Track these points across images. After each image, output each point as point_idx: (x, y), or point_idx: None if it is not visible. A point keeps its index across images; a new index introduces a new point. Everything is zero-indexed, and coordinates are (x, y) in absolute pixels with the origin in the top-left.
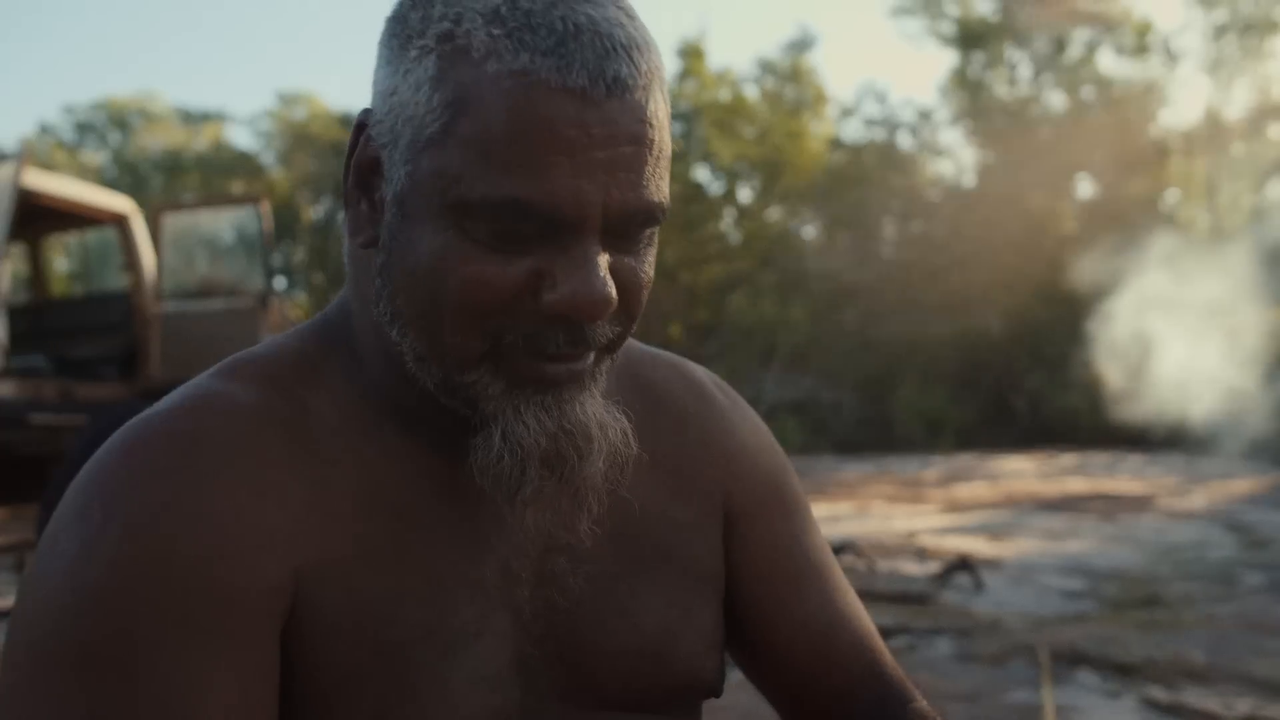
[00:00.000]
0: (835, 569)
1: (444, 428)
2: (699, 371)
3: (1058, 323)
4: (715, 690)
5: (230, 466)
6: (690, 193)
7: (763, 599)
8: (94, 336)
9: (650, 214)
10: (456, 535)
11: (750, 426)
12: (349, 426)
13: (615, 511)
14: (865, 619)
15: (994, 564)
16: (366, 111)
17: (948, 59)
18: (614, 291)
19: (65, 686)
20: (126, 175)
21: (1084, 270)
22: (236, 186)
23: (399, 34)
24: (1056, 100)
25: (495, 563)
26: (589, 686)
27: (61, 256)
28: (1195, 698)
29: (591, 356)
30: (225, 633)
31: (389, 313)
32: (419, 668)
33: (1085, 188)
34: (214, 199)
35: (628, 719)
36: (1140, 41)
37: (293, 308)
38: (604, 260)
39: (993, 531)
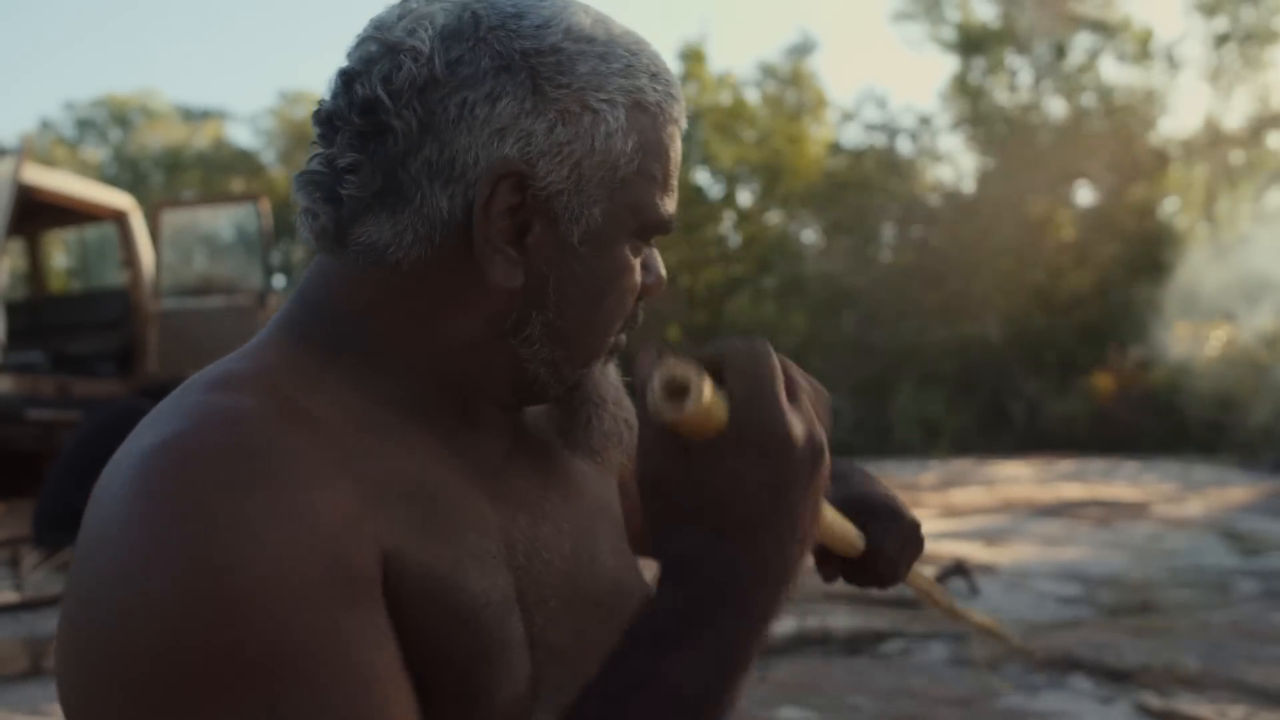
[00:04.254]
0: None
1: (453, 427)
2: None
3: (1056, 329)
4: None
5: (286, 467)
6: (690, 196)
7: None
8: (92, 333)
9: None
10: (479, 514)
11: None
12: (364, 427)
13: (568, 469)
14: None
15: (989, 569)
16: (505, 162)
17: (948, 65)
18: None
19: (235, 696)
20: (127, 172)
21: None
22: (237, 184)
23: (526, 86)
24: (1056, 107)
25: (501, 536)
26: (587, 644)
27: (60, 252)
28: (1188, 704)
29: None
30: (364, 607)
31: (522, 333)
32: (487, 630)
33: (1085, 195)
34: (214, 197)
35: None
36: (1141, 49)
37: None
38: None
39: (988, 537)
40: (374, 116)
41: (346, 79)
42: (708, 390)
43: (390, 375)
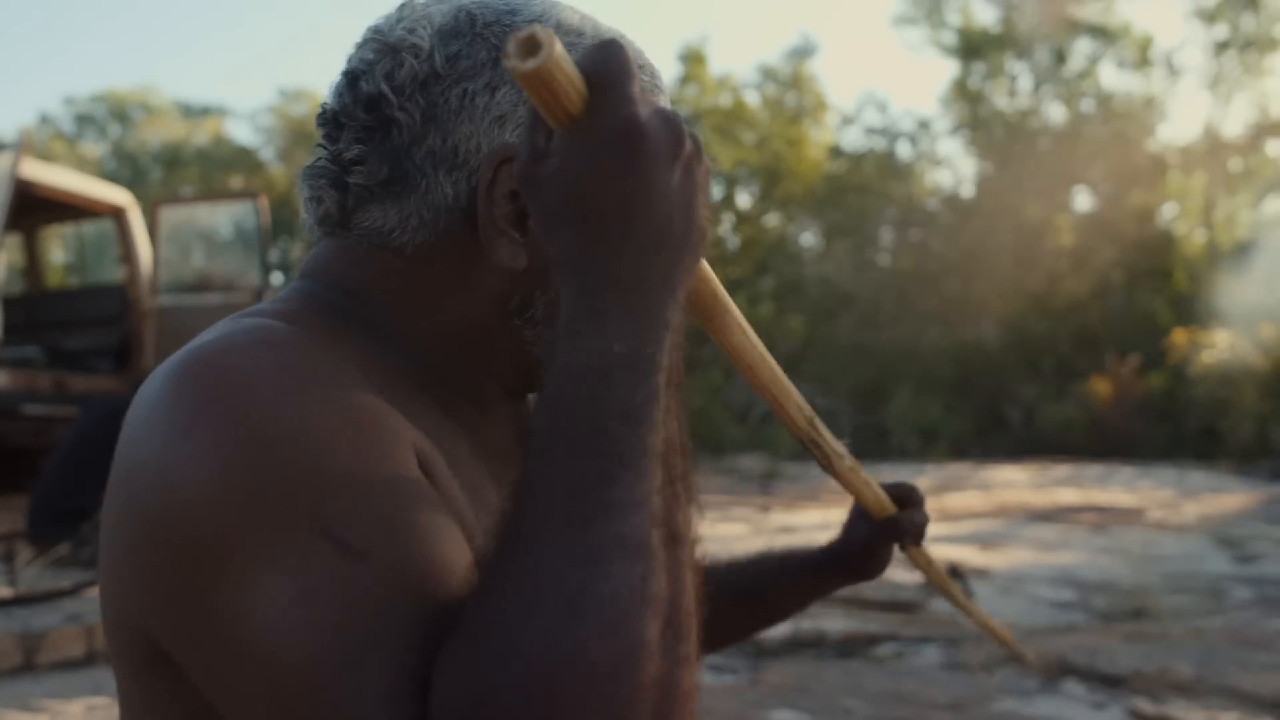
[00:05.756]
0: None
1: (462, 406)
2: None
3: (1053, 334)
4: None
5: (327, 362)
6: None
7: None
8: (89, 329)
9: None
10: (485, 493)
11: None
12: (380, 389)
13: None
14: None
15: (984, 573)
16: (505, 147)
17: (949, 69)
18: None
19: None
20: (126, 168)
21: None
22: (235, 181)
23: None
24: (1056, 112)
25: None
26: None
27: (58, 248)
28: (1181, 710)
29: None
30: (411, 462)
31: (526, 313)
32: None
33: (1083, 200)
34: (212, 193)
35: None
36: (1141, 55)
37: None
38: None
39: (984, 541)
40: (379, 111)
41: (351, 78)
42: (559, 48)
43: (396, 352)
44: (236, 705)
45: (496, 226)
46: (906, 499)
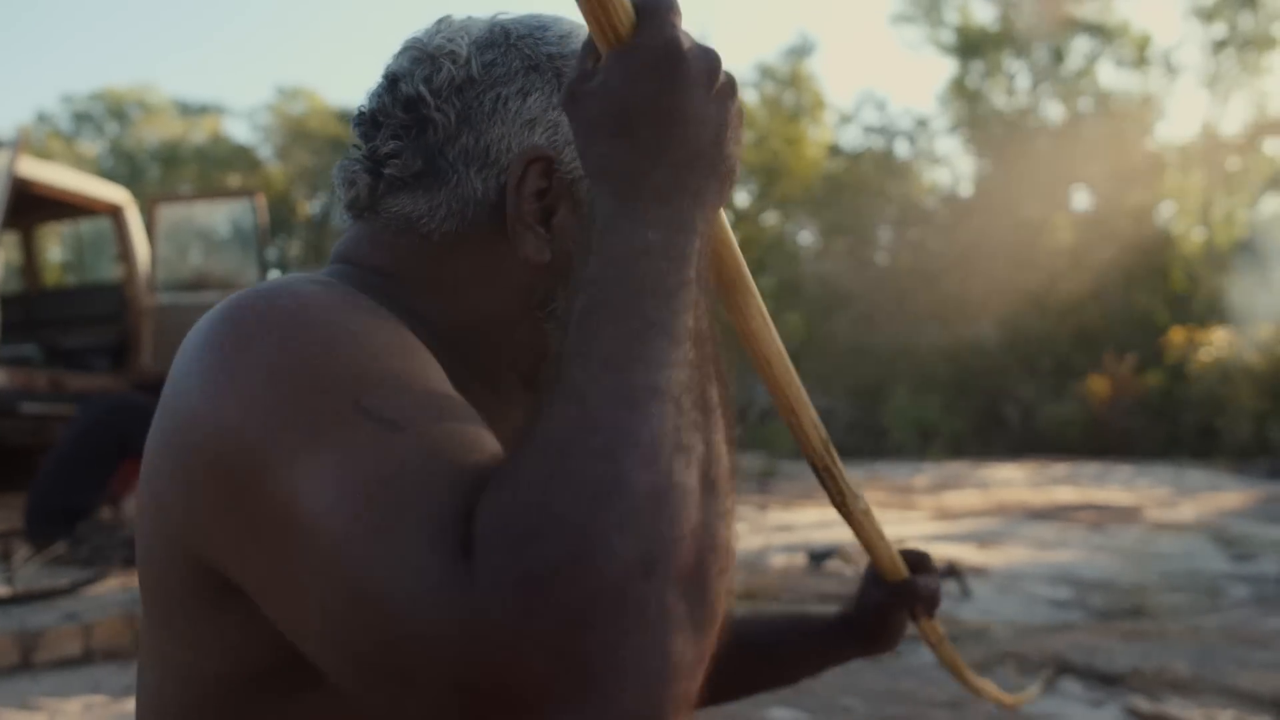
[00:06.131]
0: None
1: (484, 394)
2: None
3: (1051, 333)
4: None
5: (376, 307)
6: None
7: None
8: (86, 327)
9: None
10: None
11: None
12: None
13: None
14: None
15: (982, 572)
16: (535, 148)
17: (947, 68)
18: None
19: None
20: (123, 166)
21: None
22: (233, 179)
23: (553, 84)
24: (1054, 111)
25: None
26: None
27: (55, 246)
28: (1178, 708)
29: None
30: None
31: (549, 306)
32: None
33: (1081, 199)
34: (210, 192)
35: None
36: (1139, 54)
37: None
38: None
39: (981, 539)
40: (416, 112)
41: (390, 81)
42: None
43: (425, 332)
44: (293, 598)
45: (524, 221)
46: (918, 563)
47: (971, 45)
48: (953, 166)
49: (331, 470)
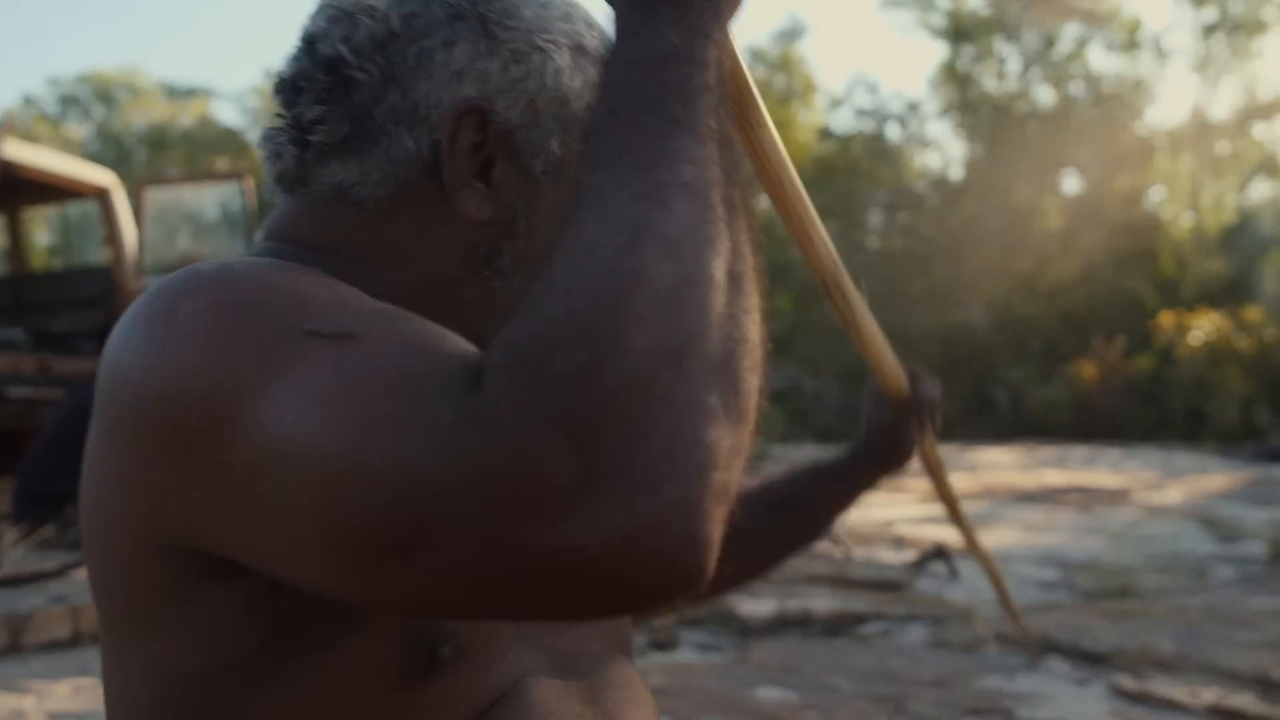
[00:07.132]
0: None
1: None
2: None
3: (1040, 316)
4: None
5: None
6: None
7: None
8: (73, 310)
9: None
10: None
11: None
12: None
13: None
14: None
15: (969, 554)
16: (465, 100)
17: (938, 51)
18: None
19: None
20: (110, 149)
21: None
22: (221, 163)
23: (478, 30)
24: (1045, 95)
25: None
26: None
27: (42, 229)
28: (1162, 686)
29: None
30: None
31: (495, 263)
32: None
33: (1071, 183)
34: (198, 175)
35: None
36: (1129, 38)
37: None
38: None
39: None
40: (338, 73)
41: (308, 43)
42: None
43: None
44: (285, 526)
45: (462, 178)
46: (914, 376)
47: (962, 29)
48: (943, 150)
49: (297, 394)
